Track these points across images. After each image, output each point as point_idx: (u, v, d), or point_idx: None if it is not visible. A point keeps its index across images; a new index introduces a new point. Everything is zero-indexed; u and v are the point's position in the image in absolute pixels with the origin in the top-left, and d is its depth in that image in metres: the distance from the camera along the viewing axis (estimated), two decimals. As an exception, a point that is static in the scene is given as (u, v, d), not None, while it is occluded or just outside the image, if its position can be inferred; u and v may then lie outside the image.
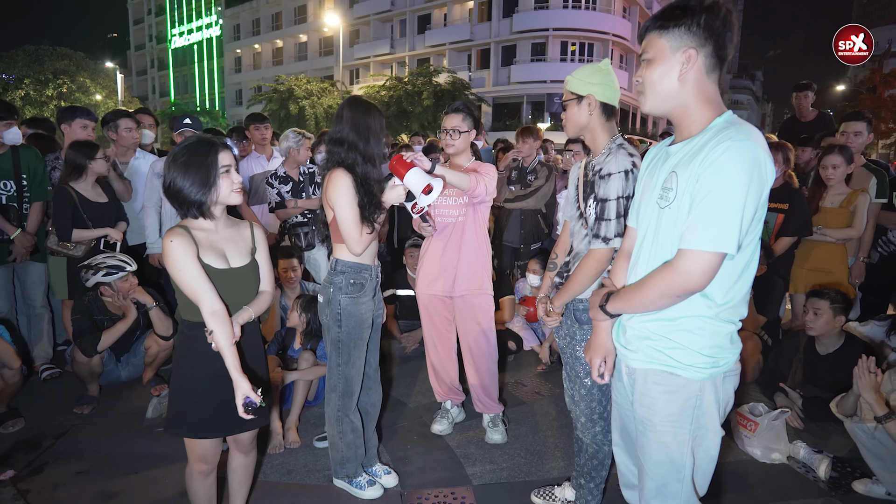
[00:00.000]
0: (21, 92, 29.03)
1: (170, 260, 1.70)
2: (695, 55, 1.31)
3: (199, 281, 1.70)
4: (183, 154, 1.74)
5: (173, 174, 1.73)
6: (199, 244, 1.76)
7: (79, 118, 3.59)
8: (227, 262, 1.83)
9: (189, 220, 1.80)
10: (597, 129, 1.92)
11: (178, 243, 1.69)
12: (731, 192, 1.21)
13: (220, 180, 1.76)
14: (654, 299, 1.35)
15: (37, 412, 3.14)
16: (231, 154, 1.81)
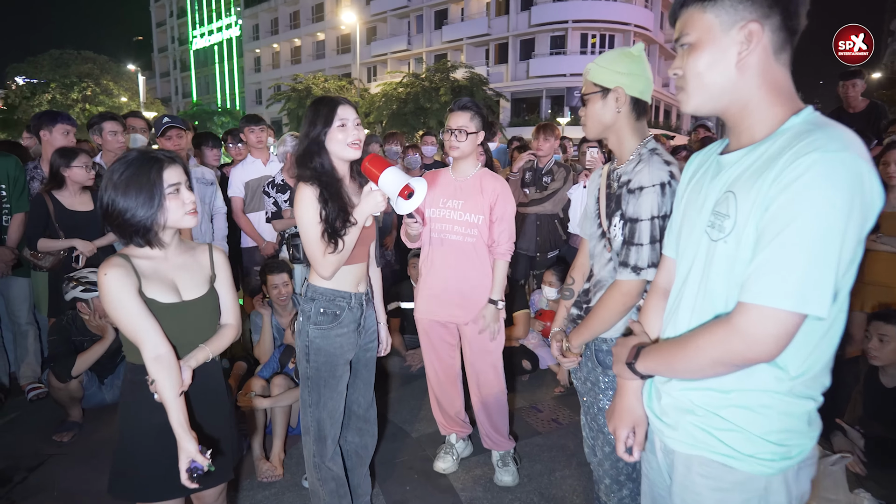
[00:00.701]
0: (48, 95, 29.62)
1: (104, 296, 1.43)
2: (758, 31, 0.96)
3: (140, 320, 1.43)
4: (121, 172, 1.46)
5: (111, 196, 1.46)
6: (142, 275, 1.48)
7: (60, 123, 3.36)
8: (179, 294, 1.55)
9: (131, 248, 1.52)
10: (624, 130, 1.57)
11: (113, 276, 1.42)
12: (823, 228, 0.86)
13: (167, 201, 1.48)
14: (702, 366, 1.01)
15: (16, 439, 2.94)
16: (181, 170, 1.53)
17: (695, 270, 1.11)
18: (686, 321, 1.12)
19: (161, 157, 1.49)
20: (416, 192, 1.72)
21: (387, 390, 3.54)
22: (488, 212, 2.39)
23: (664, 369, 1.12)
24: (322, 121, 1.82)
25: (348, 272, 1.91)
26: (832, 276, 0.87)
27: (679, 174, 1.44)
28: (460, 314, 2.47)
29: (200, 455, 1.41)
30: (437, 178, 2.49)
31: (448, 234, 2.42)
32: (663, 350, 1.12)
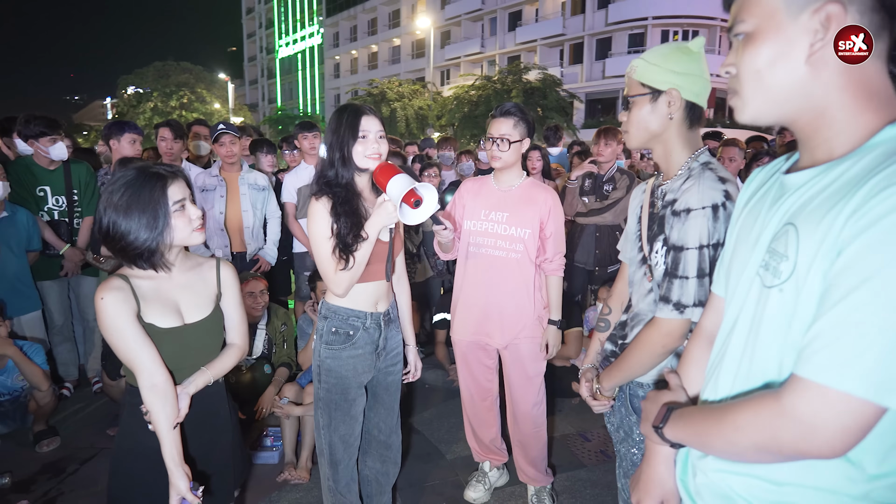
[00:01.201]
0: (151, 104, 32.43)
1: (100, 320, 1.37)
2: (840, 14, 0.72)
3: (136, 347, 1.37)
4: (122, 192, 1.36)
5: (111, 218, 1.37)
6: (141, 298, 1.41)
7: (128, 132, 3.53)
8: (181, 317, 1.48)
9: (129, 269, 1.45)
10: (673, 141, 1.33)
11: (109, 301, 1.35)
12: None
13: (173, 220, 1.40)
14: (741, 450, 0.78)
15: (76, 430, 3.10)
16: (184, 185, 1.45)
17: (742, 320, 0.87)
18: (728, 384, 0.89)
19: (163, 173, 1.41)
20: (425, 200, 1.57)
21: (426, 405, 3.42)
22: (537, 225, 2.20)
23: (696, 443, 0.89)
24: (345, 130, 1.73)
25: (364, 290, 1.80)
26: None
27: (737, 194, 1.19)
28: (500, 337, 2.29)
29: (191, 493, 1.35)
30: (477, 188, 2.32)
31: (490, 248, 2.24)
32: (697, 419, 0.89)
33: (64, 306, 3.55)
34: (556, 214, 2.22)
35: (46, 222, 3.34)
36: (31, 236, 3.19)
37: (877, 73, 0.75)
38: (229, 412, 1.65)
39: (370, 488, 2.05)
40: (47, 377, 2.89)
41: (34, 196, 3.30)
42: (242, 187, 3.48)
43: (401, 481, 2.57)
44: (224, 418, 1.62)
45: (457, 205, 2.36)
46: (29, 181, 3.29)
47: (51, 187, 3.34)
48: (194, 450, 1.51)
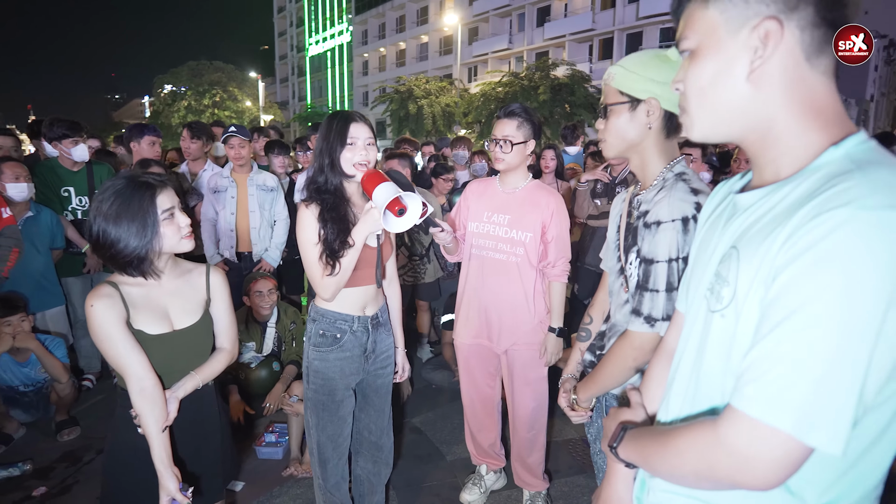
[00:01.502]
0: (185, 102, 33.34)
1: (90, 326, 1.42)
2: (777, 31, 0.70)
3: (125, 352, 1.41)
4: (111, 201, 1.39)
5: (101, 226, 1.39)
6: (131, 305, 1.46)
7: (147, 135, 3.65)
8: (170, 323, 1.53)
9: (120, 276, 1.49)
10: (650, 151, 1.32)
11: (99, 308, 1.39)
12: (846, 321, 0.60)
13: (162, 228, 1.44)
14: (682, 475, 0.77)
15: (95, 421, 3.24)
16: (173, 194, 1.48)
17: (692, 343, 0.87)
18: (678, 406, 0.89)
19: (152, 183, 1.44)
20: (409, 208, 1.58)
21: (432, 405, 3.44)
22: (539, 229, 2.17)
23: (643, 464, 0.88)
24: (334, 137, 1.76)
25: (352, 294, 1.83)
26: (853, 394, 0.61)
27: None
28: (499, 341, 2.27)
29: (180, 494, 1.40)
30: (482, 189, 2.31)
31: (491, 251, 2.23)
32: (644, 441, 0.88)
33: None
34: (559, 218, 2.18)
35: (70, 221, 3.48)
36: (55, 235, 3.34)
37: (823, 89, 0.73)
38: (219, 414, 1.70)
39: (362, 488, 2.09)
40: (67, 370, 3.03)
41: (59, 196, 3.46)
42: (251, 188, 3.57)
43: (399, 480, 2.61)
44: (213, 420, 1.67)
45: (461, 206, 2.36)
46: (54, 182, 3.45)
47: (75, 188, 3.49)
48: (184, 451, 1.56)
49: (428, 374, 3.80)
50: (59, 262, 3.43)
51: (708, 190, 1.25)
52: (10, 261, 3.03)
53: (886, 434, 0.71)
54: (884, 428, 0.70)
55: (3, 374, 2.99)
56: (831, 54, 0.73)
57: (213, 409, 1.67)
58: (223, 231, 3.53)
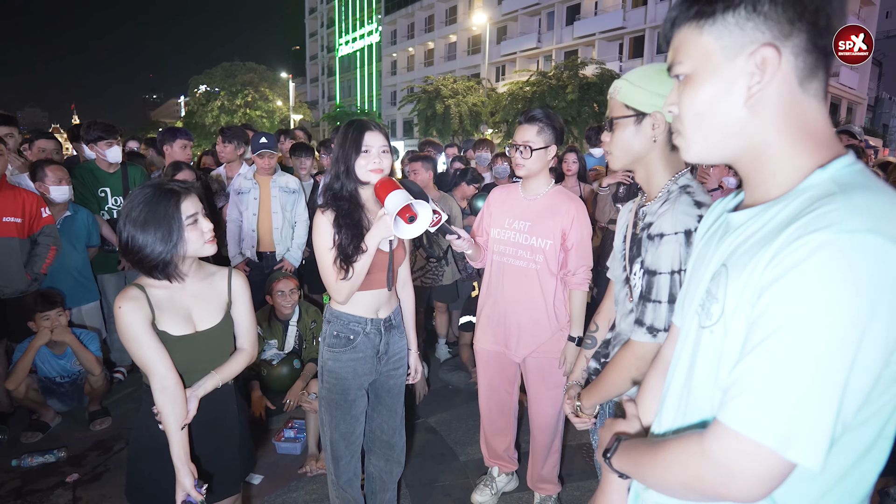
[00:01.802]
0: (218, 102, 34.19)
1: (118, 327, 1.51)
2: (774, 58, 0.71)
3: (149, 353, 1.49)
4: (139, 208, 1.48)
5: (130, 232, 1.47)
6: (157, 307, 1.54)
7: (179, 139, 3.80)
8: (193, 325, 1.60)
9: (146, 278, 1.57)
10: (655, 163, 1.33)
11: (126, 310, 1.48)
12: (824, 343, 0.61)
13: (186, 233, 1.51)
14: (670, 487, 0.78)
15: (125, 412, 3.38)
16: (196, 200, 1.56)
17: (684, 357, 0.88)
18: (670, 418, 0.90)
19: (177, 190, 1.52)
20: (419, 216, 1.62)
21: (448, 406, 3.48)
22: (559, 236, 2.14)
23: (635, 475, 0.90)
24: (349, 145, 1.81)
25: (365, 297, 1.88)
26: (831, 411, 0.62)
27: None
28: (518, 349, 2.27)
29: (195, 490, 1.47)
30: (504, 196, 2.31)
31: (511, 258, 2.22)
32: (636, 452, 0.90)
33: (120, 297, 3.87)
34: (579, 225, 2.15)
35: (106, 220, 3.65)
36: (91, 233, 3.51)
37: (814, 112, 0.74)
38: (238, 412, 1.77)
39: (374, 485, 2.14)
40: (100, 363, 3.18)
41: (96, 196, 3.63)
42: (273, 190, 3.68)
43: (412, 479, 2.66)
44: (233, 418, 1.74)
45: (484, 212, 2.37)
46: (92, 183, 3.62)
47: (110, 188, 3.65)
48: (203, 448, 1.63)
49: (445, 375, 3.85)
50: (95, 260, 3.60)
51: (711, 202, 1.25)
52: (48, 258, 3.20)
53: (870, 453, 0.72)
54: (867, 447, 0.71)
55: (41, 366, 3.16)
56: (822, 78, 0.74)
57: (233, 407, 1.75)
58: (245, 231, 3.64)
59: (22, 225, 3.12)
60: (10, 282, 3.10)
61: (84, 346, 3.11)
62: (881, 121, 34.76)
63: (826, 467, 0.68)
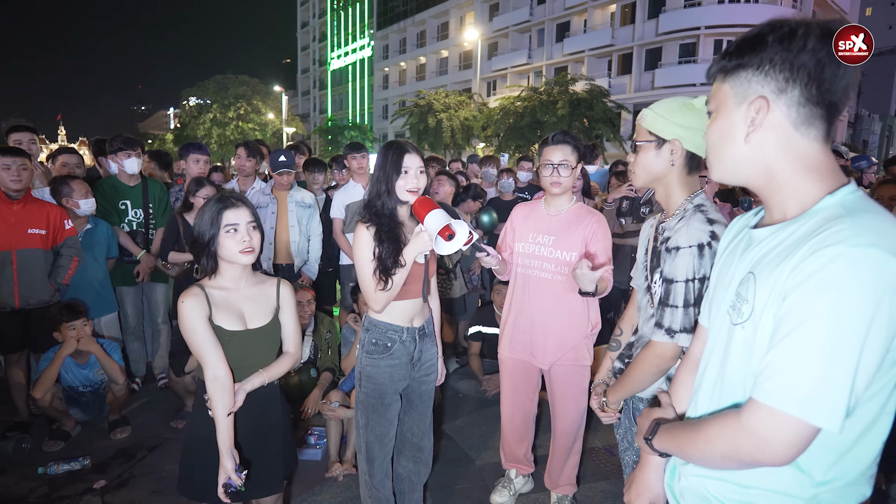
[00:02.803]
0: (210, 115, 34.21)
1: (180, 320, 1.67)
2: (765, 106, 0.90)
3: (206, 344, 1.66)
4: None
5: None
6: (214, 304, 1.71)
7: (192, 154, 3.91)
8: (245, 323, 1.76)
9: (207, 279, 1.77)
10: (673, 184, 1.50)
11: (188, 305, 1.66)
12: (839, 332, 0.77)
13: (222, 238, 1.71)
14: (711, 458, 0.94)
15: (144, 421, 3.46)
16: (245, 213, 1.74)
17: (717, 351, 1.04)
18: (706, 404, 1.05)
19: (229, 201, 1.74)
20: (457, 234, 1.77)
21: (460, 413, 3.60)
22: (583, 248, 2.26)
23: (677, 452, 1.06)
24: (390, 166, 1.94)
25: (402, 307, 2.01)
26: (846, 386, 0.78)
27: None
28: (543, 357, 2.38)
29: (235, 474, 1.60)
30: (527, 212, 2.44)
31: (536, 270, 2.34)
32: (678, 432, 1.05)
33: (138, 310, 3.95)
34: (602, 235, 2.25)
35: (127, 232, 3.75)
36: (111, 245, 3.61)
37: (815, 151, 0.92)
38: (281, 411, 1.90)
39: (403, 486, 2.25)
40: (123, 372, 3.26)
41: (117, 209, 3.73)
42: (290, 204, 3.81)
43: (432, 482, 2.76)
44: (277, 416, 1.87)
45: (507, 229, 2.49)
46: (113, 196, 3.72)
47: (131, 201, 3.76)
48: (251, 442, 1.76)
49: (455, 384, 3.97)
50: (114, 272, 3.69)
51: (723, 219, 1.41)
52: (71, 269, 3.29)
53: (876, 425, 0.88)
54: (873, 420, 0.87)
55: (65, 375, 3.23)
56: (821, 127, 0.91)
57: (278, 405, 1.88)
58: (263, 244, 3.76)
59: (46, 237, 3.22)
60: (35, 292, 3.19)
61: (108, 356, 3.19)
62: (861, 137, 35.74)
63: (839, 437, 0.85)
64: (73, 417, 3.25)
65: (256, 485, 1.77)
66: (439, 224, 1.77)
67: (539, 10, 30.67)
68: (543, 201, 2.39)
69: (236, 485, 1.60)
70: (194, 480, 1.75)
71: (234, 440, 1.69)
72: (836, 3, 27.39)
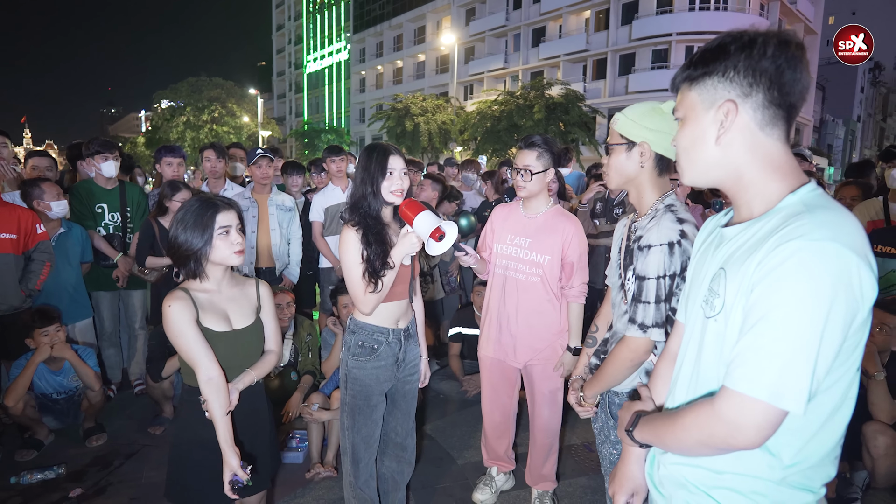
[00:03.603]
0: (183, 118, 33.59)
1: (167, 325, 1.66)
2: (733, 109, 0.96)
3: (197, 346, 1.65)
4: (185, 213, 1.72)
5: (175, 231, 1.72)
6: (200, 306, 1.71)
7: (164, 157, 3.87)
8: (230, 324, 1.77)
9: (190, 282, 1.76)
10: (645, 185, 1.57)
11: (175, 308, 1.65)
12: (800, 321, 0.83)
13: (216, 240, 1.71)
14: (688, 446, 0.99)
15: (120, 428, 3.40)
16: (233, 215, 1.75)
17: (692, 344, 1.10)
18: (683, 394, 1.11)
19: (218, 203, 1.73)
20: (447, 234, 1.81)
21: (441, 414, 3.63)
22: (559, 252, 2.32)
23: (656, 442, 1.11)
24: (375, 168, 1.95)
25: (388, 309, 2.03)
26: (808, 370, 0.84)
27: (693, 233, 1.41)
28: (517, 356, 2.44)
29: (241, 470, 1.60)
30: (506, 214, 2.49)
31: (513, 271, 2.40)
32: (656, 423, 1.11)
33: (114, 315, 3.88)
34: (577, 243, 2.32)
35: (103, 236, 3.68)
36: (85, 249, 3.54)
37: (778, 151, 0.98)
38: (267, 410, 1.91)
39: (387, 485, 2.27)
40: (99, 378, 3.20)
41: (93, 212, 3.66)
42: (271, 208, 3.80)
43: (414, 482, 2.78)
44: (263, 414, 1.88)
45: (487, 230, 2.55)
46: (89, 199, 3.66)
47: (108, 205, 3.70)
48: (241, 439, 1.77)
49: (436, 385, 3.99)
50: (89, 277, 3.62)
51: (692, 218, 1.48)
52: (42, 274, 3.22)
53: (839, 412, 0.94)
54: (836, 407, 0.93)
55: (38, 382, 3.16)
56: (783, 127, 0.98)
57: (264, 404, 1.89)
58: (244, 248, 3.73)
59: (17, 241, 3.15)
60: (5, 298, 3.11)
61: (84, 362, 3.14)
62: (826, 141, 37.02)
63: (806, 422, 0.91)
64: (46, 426, 3.18)
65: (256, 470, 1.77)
66: (431, 225, 1.80)
67: (515, 15, 31.00)
68: (521, 204, 2.44)
69: (243, 480, 1.61)
70: (187, 486, 1.74)
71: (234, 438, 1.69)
72: (800, 12, 28.35)
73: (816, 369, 0.84)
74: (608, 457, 1.63)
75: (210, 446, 1.67)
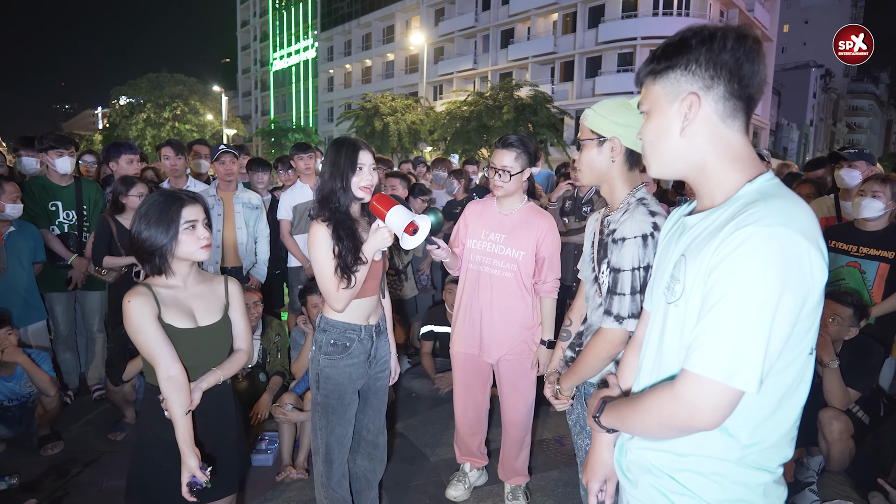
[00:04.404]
0: (143, 115, 32.50)
1: (127, 321, 1.60)
2: (696, 101, 0.98)
3: (156, 343, 1.59)
4: (147, 208, 1.65)
5: (138, 227, 1.65)
6: (162, 303, 1.65)
7: (124, 154, 3.74)
8: (195, 321, 1.71)
9: (153, 278, 1.70)
10: (616, 180, 1.59)
11: (135, 303, 1.59)
12: (753, 303, 0.86)
13: (181, 235, 1.65)
14: (650, 428, 1.01)
15: (78, 435, 3.26)
16: (199, 209, 1.70)
17: (655, 330, 1.12)
18: (647, 379, 1.13)
19: (183, 197, 1.67)
20: (420, 228, 1.80)
21: (413, 412, 3.62)
22: (533, 248, 2.35)
23: (621, 426, 1.13)
24: (344, 163, 1.91)
25: (359, 306, 2.00)
26: (761, 351, 0.86)
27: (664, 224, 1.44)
28: (490, 351, 2.45)
29: (200, 471, 1.55)
30: (480, 210, 2.50)
31: (487, 266, 2.41)
32: (621, 407, 1.13)
33: (69, 318, 3.71)
34: (550, 240, 2.36)
35: (57, 235, 3.52)
36: (37, 249, 3.37)
37: (738, 142, 1.01)
38: (235, 410, 1.86)
39: (360, 484, 2.24)
40: (55, 383, 3.05)
41: (46, 210, 3.49)
42: (237, 206, 3.70)
43: (387, 481, 2.76)
44: (231, 415, 1.83)
45: (461, 225, 2.55)
46: (42, 197, 3.49)
47: (62, 202, 3.53)
48: (204, 439, 1.71)
49: (408, 383, 3.97)
50: (43, 278, 3.45)
51: (663, 211, 1.52)
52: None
53: (794, 394, 0.98)
54: (791, 389, 0.97)
55: (-13, 389, 3.00)
56: (743, 119, 1.01)
57: (232, 405, 1.84)
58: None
59: (-36, 242, 2.98)
60: (-49, 301, 2.94)
61: (38, 367, 2.99)
62: (782, 144, 38.59)
63: (761, 403, 0.94)
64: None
65: (212, 485, 1.72)
66: (404, 220, 1.78)
67: (484, 17, 31.19)
68: (496, 201, 2.45)
69: (202, 482, 1.55)
70: (148, 489, 1.68)
71: (195, 439, 1.64)
72: (757, 20, 29.48)
73: (769, 349, 0.87)
74: (584, 447, 1.66)
75: (172, 448, 1.61)
